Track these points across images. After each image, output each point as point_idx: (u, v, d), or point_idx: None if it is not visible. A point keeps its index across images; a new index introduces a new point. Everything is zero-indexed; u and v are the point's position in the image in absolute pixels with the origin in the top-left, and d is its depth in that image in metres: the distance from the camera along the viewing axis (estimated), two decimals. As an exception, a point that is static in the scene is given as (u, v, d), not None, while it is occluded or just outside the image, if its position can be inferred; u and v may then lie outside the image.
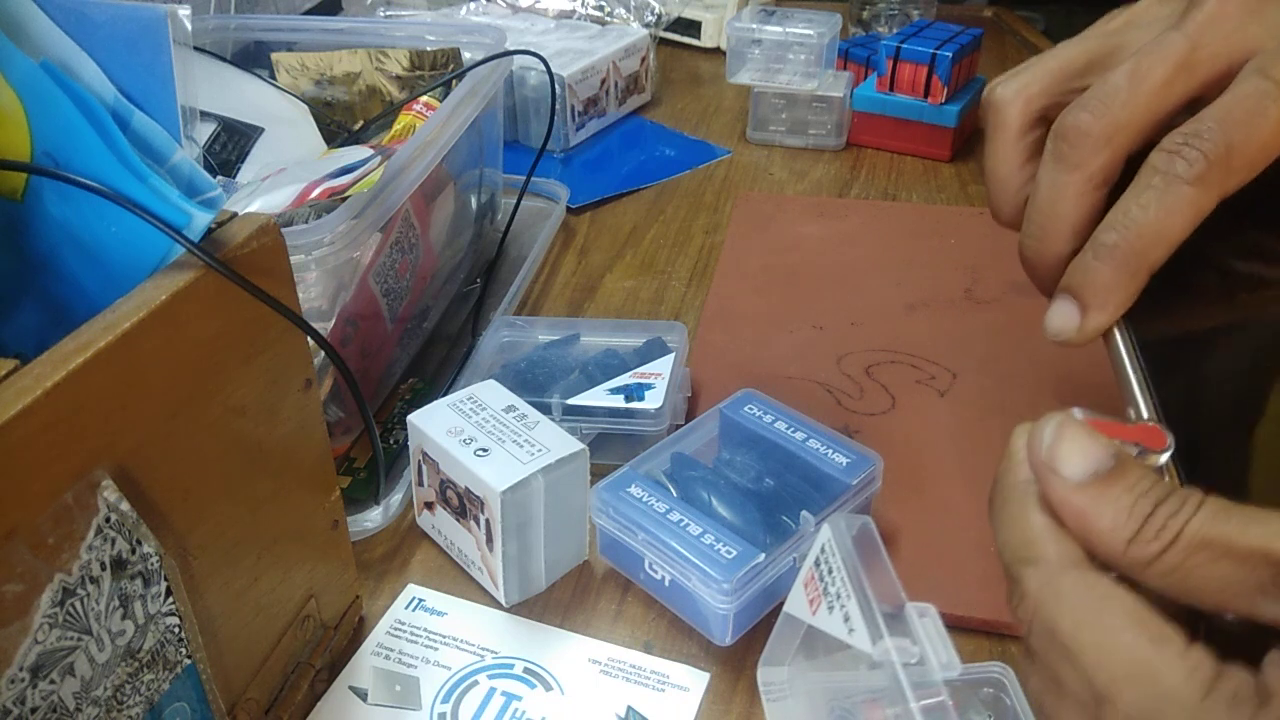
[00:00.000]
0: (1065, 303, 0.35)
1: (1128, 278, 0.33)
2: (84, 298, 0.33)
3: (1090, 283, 0.34)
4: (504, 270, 0.73)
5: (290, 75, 0.72)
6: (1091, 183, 0.35)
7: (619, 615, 0.47)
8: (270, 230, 0.35)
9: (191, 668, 0.34)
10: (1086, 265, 0.34)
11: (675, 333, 0.58)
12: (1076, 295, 0.34)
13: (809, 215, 0.79)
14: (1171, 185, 0.32)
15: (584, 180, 0.86)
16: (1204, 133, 0.32)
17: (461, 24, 0.95)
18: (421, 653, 0.45)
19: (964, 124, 0.88)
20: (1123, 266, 0.33)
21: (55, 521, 0.27)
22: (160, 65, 0.42)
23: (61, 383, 0.27)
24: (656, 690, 0.43)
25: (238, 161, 0.64)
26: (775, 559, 0.43)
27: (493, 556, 0.46)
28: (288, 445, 0.38)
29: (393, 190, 0.51)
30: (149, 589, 0.31)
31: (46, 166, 0.33)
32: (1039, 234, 0.36)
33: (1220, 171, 0.32)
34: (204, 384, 0.33)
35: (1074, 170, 0.35)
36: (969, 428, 0.56)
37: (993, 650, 0.44)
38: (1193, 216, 0.32)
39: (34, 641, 0.27)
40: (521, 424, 0.47)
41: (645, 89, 1.00)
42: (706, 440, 0.51)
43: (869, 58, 0.93)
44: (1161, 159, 0.32)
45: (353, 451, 0.56)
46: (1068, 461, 0.27)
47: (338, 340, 0.52)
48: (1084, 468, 0.27)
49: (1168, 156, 0.32)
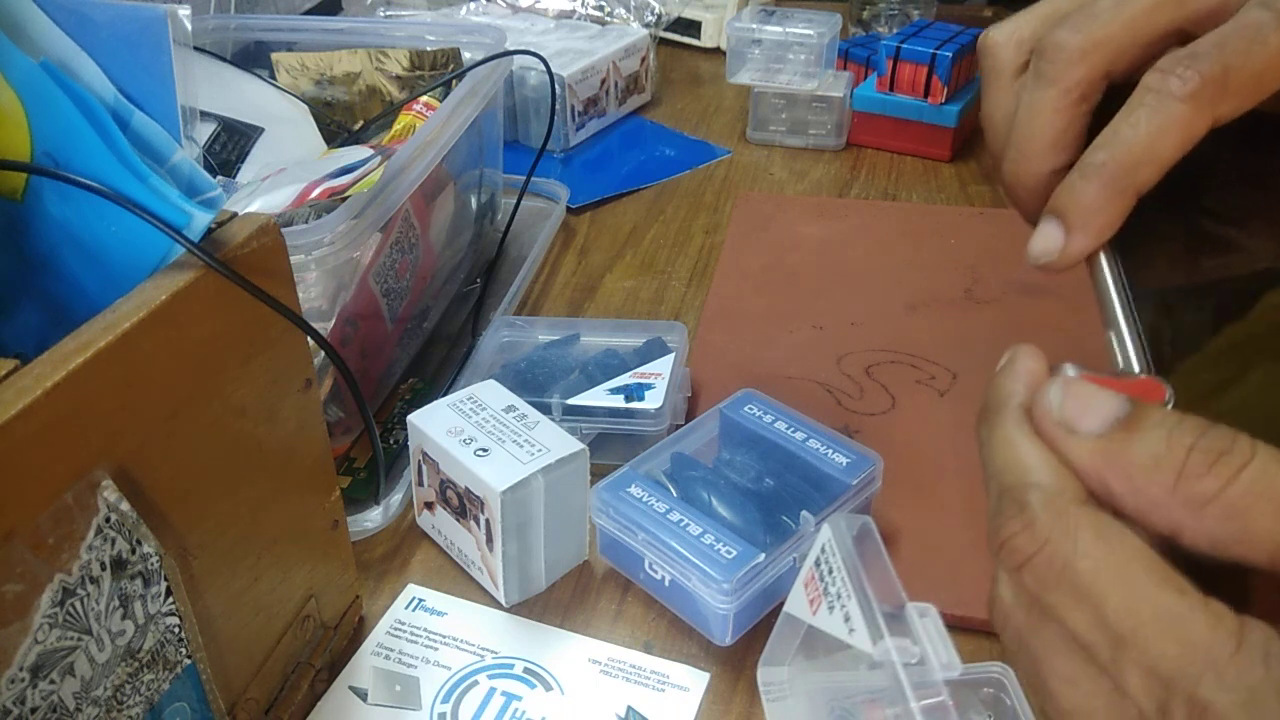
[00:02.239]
0: (1050, 224, 0.34)
1: (1114, 196, 0.32)
2: (84, 298, 0.33)
3: (1075, 201, 0.33)
4: (504, 270, 0.73)
5: (290, 75, 0.72)
6: (1068, 97, 0.34)
7: (619, 615, 0.47)
8: (270, 230, 0.35)
9: (191, 668, 0.34)
10: (1073, 184, 0.33)
11: (675, 333, 0.58)
12: (1061, 215, 0.33)
13: (809, 215, 0.79)
14: (1164, 102, 0.31)
15: (584, 180, 0.86)
16: (1200, 54, 0.31)
17: (461, 24, 0.95)
18: (421, 653, 0.45)
19: (964, 124, 0.88)
20: (1110, 184, 0.32)
21: (55, 521, 0.27)
22: (160, 65, 0.42)
23: (61, 383, 0.27)
24: (656, 690, 0.43)
25: (238, 161, 0.64)
26: (775, 559, 0.43)
27: (493, 556, 0.46)
28: (288, 445, 0.38)
29: (393, 190, 0.51)
30: (149, 589, 0.31)
31: (46, 166, 0.33)
32: (1018, 154, 0.36)
33: (1215, 90, 0.31)
34: (204, 384, 0.33)
35: (1051, 85, 0.34)
36: (969, 428, 0.56)
37: (993, 650, 0.44)
38: (1185, 136, 0.31)
39: (34, 641, 0.27)
40: (521, 424, 0.47)
41: (645, 89, 1.00)
42: (706, 440, 0.51)
43: (869, 58, 0.93)
44: (1155, 78, 0.32)
45: (353, 451, 0.56)
46: (1084, 417, 0.26)
47: (338, 340, 0.52)
48: (1103, 418, 0.26)
49: (1161, 75, 0.31)
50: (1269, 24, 0.31)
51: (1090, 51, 0.34)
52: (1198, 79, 0.31)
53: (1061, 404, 0.27)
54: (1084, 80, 0.34)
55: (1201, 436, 0.25)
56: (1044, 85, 0.35)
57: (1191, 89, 0.31)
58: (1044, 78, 0.35)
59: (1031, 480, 0.26)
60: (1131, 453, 0.25)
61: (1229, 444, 0.24)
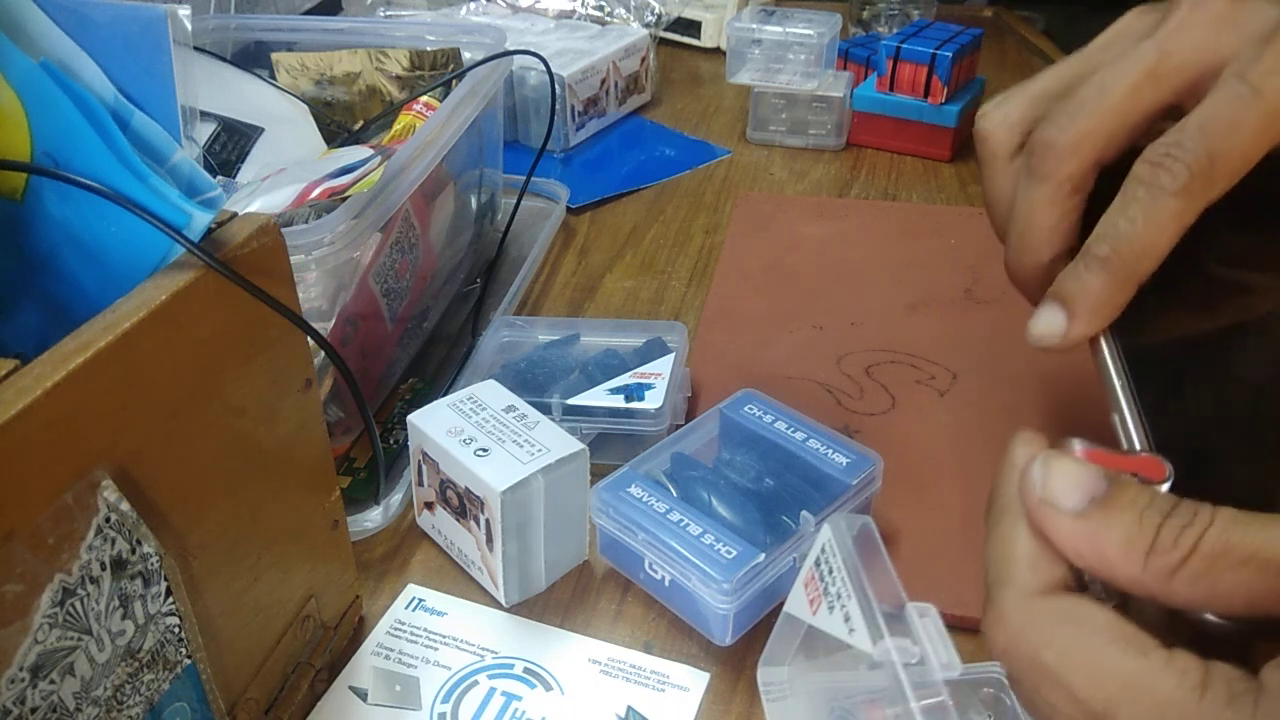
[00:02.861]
0: (1053, 309, 0.35)
1: (1117, 288, 0.34)
2: (84, 298, 0.33)
3: (1081, 290, 0.34)
4: (504, 270, 0.73)
5: (290, 75, 0.72)
6: (1061, 191, 0.36)
7: (619, 615, 0.47)
8: (270, 230, 0.35)
9: (191, 668, 0.34)
10: (1078, 274, 0.34)
11: (675, 333, 0.58)
12: (1066, 302, 0.35)
13: (809, 215, 0.79)
14: (1157, 198, 0.33)
15: (584, 180, 0.86)
16: (1185, 142, 0.32)
17: (461, 24, 0.95)
18: (421, 653, 0.45)
19: (964, 124, 0.88)
20: (1113, 276, 0.33)
21: (55, 521, 0.27)
22: (160, 65, 0.42)
23: (61, 383, 0.27)
24: (656, 690, 0.43)
25: (238, 161, 0.64)
26: (775, 559, 0.43)
27: (493, 556, 0.46)
28: (288, 445, 0.38)
29: (393, 190, 0.51)
30: (149, 589, 0.31)
31: (46, 166, 0.33)
32: (1018, 244, 0.38)
33: (1204, 181, 0.32)
34: (204, 384, 0.33)
35: (1044, 181, 0.36)
36: (969, 428, 0.56)
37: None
38: (1179, 228, 0.33)
39: (34, 641, 0.27)
40: (521, 424, 0.47)
41: (645, 89, 1.00)
42: (706, 440, 0.51)
43: (869, 58, 0.93)
44: (1145, 170, 0.33)
45: (353, 451, 0.56)
46: (1062, 494, 0.27)
47: (338, 340, 0.52)
48: (1080, 496, 0.27)
49: (1151, 169, 0.33)
50: (1247, 99, 0.32)
51: (1079, 146, 0.35)
52: (1186, 174, 0.32)
53: (1044, 482, 0.28)
54: (1075, 174, 0.36)
55: (1168, 516, 0.26)
56: (1037, 182, 0.36)
57: (1182, 183, 0.32)
58: (1036, 175, 0.36)
59: (1004, 573, 0.28)
60: (1107, 533, 0.27)
61: (1191, 517, 0.26)
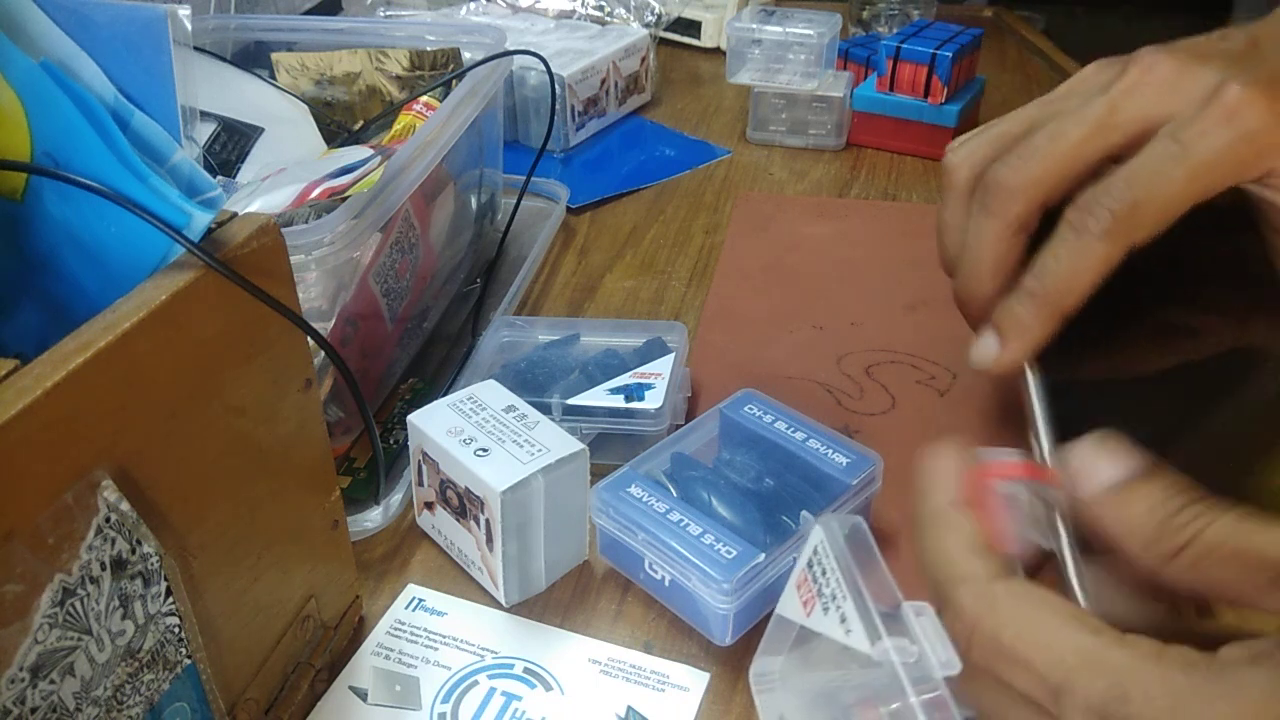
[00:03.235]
0: (989, 336, 0.40)
1: (1043, 320, 0.38)
2: (84, 298, 0.33)
3: (1012, 320, 0.39)
4: (504, 270, 0.73)
5: (290, 75, 0.72)
6: (1009, 229, 0.39)
7: (619, 615, 0.47)
8: (270, 230, 0.35)
9: (191, 668, 0.34)
10: (1010, 307, 0.39)
11: (675, 333, 0.58)
12: (999, 331, 0.39)
13: (809, 215, 0.79)
14: (1082, 239, 0.36)
15: (584, 180, 0.86)
16: (1112, 190, 0.36)
17: (461, 24, 0.95)
18: (421, 653, 0.45)
19: (964, 124, 0.88)
20: (1039, 310, 0.38)
21: (55, 521, 0.27)
22: (160, 65, 0.42)
23: (61, 383, 0.27)
24: (656, 690, 0.43)
25: (238, 161, 0.64)
26: (775, 559, 0.43)
27: (493, 556, 0.46)
28: (288, 445, 0.38)
29: (393, 190, 0.51)
30: (149, 589, 0.31)
31: (46, 166, 0.33)
32: (966, 276, 0.41)
33: (1126, 226, 0.36)
34: (204, 384, 0.33)
35: (993, 218, 0.39)
36: (969, 428, 0.56)
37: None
38: (1102, 268, 0.36)
39: (34, 641, 0.27)
40: (521, 424, 0.47)
41: (645, 89, 1.00)
42: (706, 440, 0.51)
43: (869, 58, 0.93)
44: (1074, 215, 0.37)
45: (353, 451, 0.56)
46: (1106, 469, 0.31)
47: (338, 340, 0.52)
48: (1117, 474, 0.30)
49: (1079, 213, 0.37)
50: (1175, 155, 0.35)
51: (1028, 188, 0.39)
52: (1109, 218, 0.36)
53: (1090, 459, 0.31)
54: (1022, 214, 0.39)
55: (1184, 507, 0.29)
56: (987, 217, 0.40)
57: (1105, 227, 0.36)
58: (987, 210, 0.40)
59: (955, 572, 0.31)
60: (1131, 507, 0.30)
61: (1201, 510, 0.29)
